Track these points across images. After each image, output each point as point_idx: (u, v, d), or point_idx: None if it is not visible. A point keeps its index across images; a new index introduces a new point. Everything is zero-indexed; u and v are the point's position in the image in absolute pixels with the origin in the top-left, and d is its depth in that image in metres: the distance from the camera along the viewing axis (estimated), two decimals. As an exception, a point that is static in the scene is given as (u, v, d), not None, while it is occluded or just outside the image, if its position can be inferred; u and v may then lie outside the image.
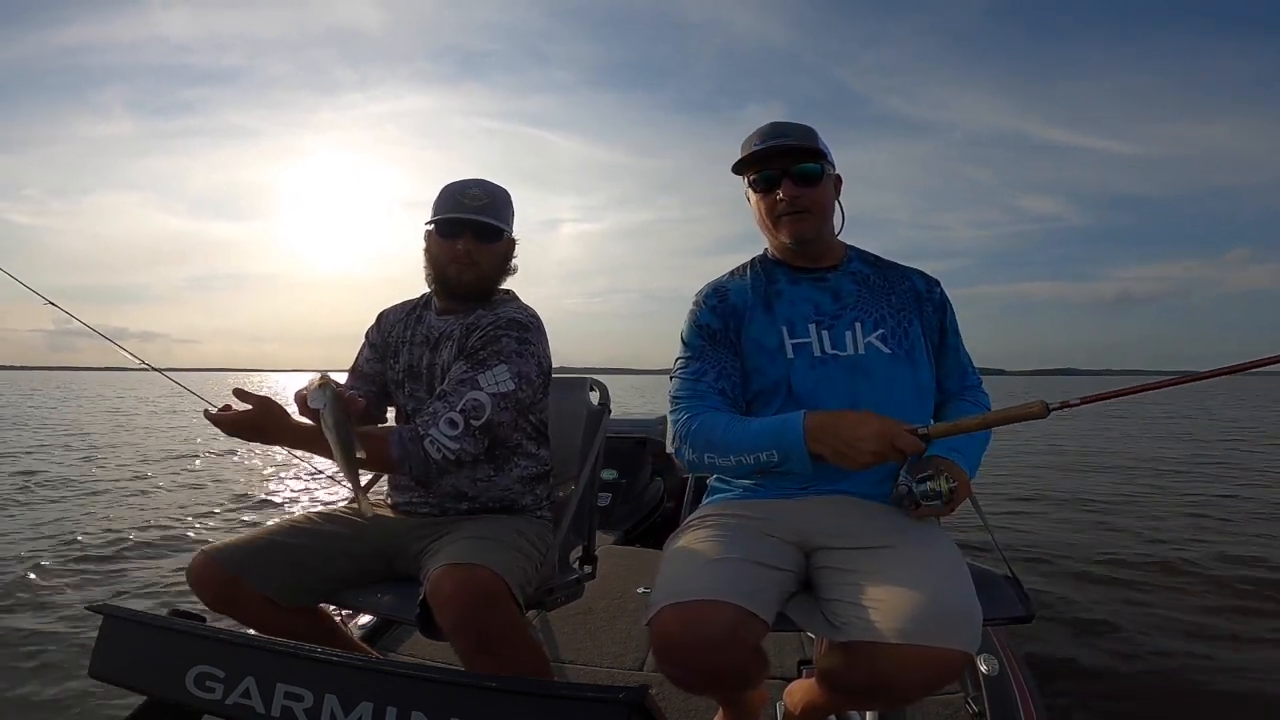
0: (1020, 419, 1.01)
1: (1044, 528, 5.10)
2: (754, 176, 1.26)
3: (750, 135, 1.26)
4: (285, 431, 1.23)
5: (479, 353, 1.37)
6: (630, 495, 3.94)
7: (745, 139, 1.26)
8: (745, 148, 1.25)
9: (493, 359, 1.35)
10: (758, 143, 1.23)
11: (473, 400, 1.30)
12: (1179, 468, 8.31)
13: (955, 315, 1.34)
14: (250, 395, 1.22)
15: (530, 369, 1.39)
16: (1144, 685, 2.52)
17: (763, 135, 1.24)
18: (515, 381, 1.35)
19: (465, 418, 1.29)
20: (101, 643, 1.04)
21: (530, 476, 1.49)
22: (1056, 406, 0.98)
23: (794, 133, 1.23)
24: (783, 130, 1.24)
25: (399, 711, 0.83)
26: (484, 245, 1.44)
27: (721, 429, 1.14)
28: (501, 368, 1.34)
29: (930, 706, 1.71)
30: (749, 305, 1.27)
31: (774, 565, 1.08)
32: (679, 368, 1.26)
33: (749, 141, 1.25)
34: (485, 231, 1.43)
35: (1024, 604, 1.20)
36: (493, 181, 1.47)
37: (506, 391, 1.34)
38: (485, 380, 1.33)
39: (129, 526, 4.82)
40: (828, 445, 1.04)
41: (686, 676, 0.99)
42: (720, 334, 1.25)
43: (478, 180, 1.46)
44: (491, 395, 1.32)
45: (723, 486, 1.31)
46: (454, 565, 1.16)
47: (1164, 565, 4.07)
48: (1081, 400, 0.98)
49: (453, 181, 1.46)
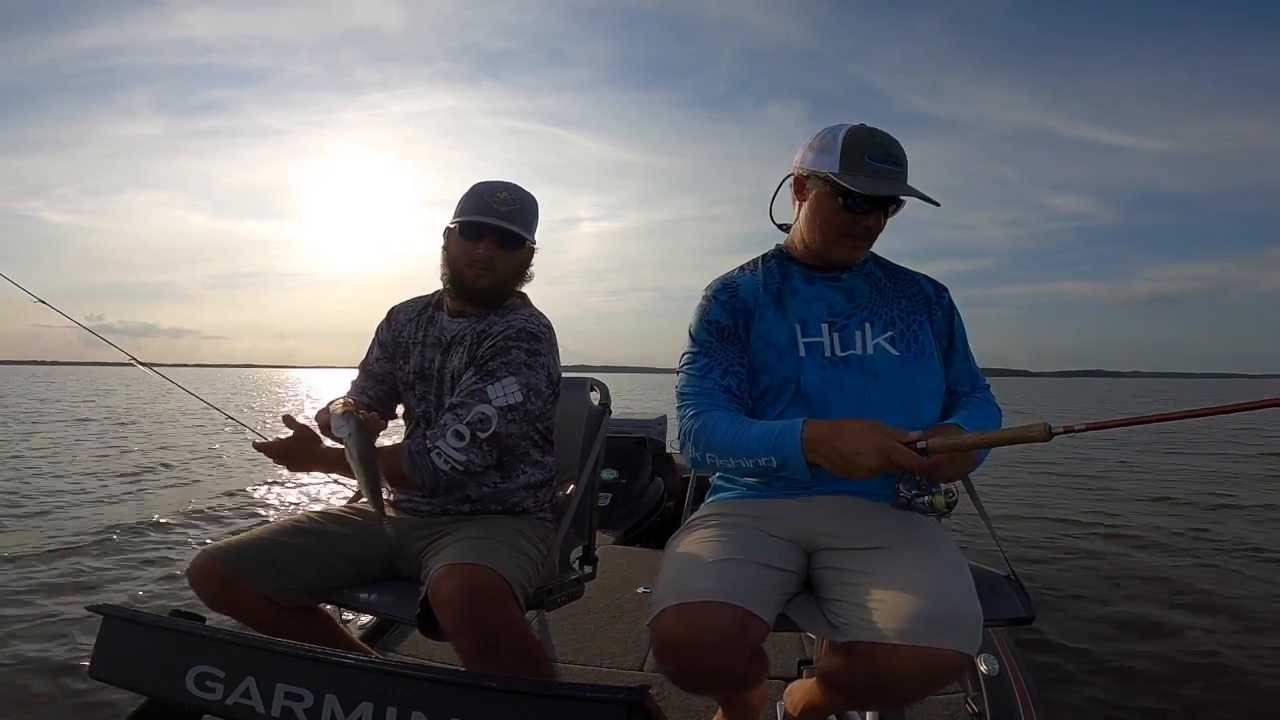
0: (1022, 441, 0.98)
1: (1044, 527, 5.10)
2: (853, 198, 1.17)
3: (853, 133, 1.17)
4: (320, 458, 1.34)
5: (489, 364, 1.37)
6: (630, 495, 3.94)
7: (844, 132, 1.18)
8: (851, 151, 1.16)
9: (502, 370, 1.35)
10: (872, 157, 1.15)
11: (480, 413, 1.31)
12: (1180, 468, 8.31)
13: (964, 322, 1.33)
14: (295, 423, 1.33)
15: (539, 380, 1.39)
16: (1144, 685, 2.52)
17: (882, 154, 1.16)
18: (524, 394, 1.35)
19: (472, 430, 1.30)
20: (101, 643, 1.04)
21: (535, 483, 1.50)
22: (1060, 431, 0.94)
23: (904, 165, 1.18)
24: (898, 160, 1.17)
25: (399, 711, 0.83)
26: (505, 252, 1.42)
27: (723, 431, 1.13)
28: (510, 380, 1.35)
29: (930, 706, 1.71)
30: (760, 301, 1.25)
31: (776, 566, 1.08)
32: (685, 363, 1.25)
33: (858, 143, 1.16)
34: (509, 238, 1.42)
35: (1025, 605, 1.20)
36: (522, 187, 1.45)
37: (515, 404, 1.34)
38: (494, 392, 1.33)
39: (128, 527, 4.82)
40: (825, 457, 1.03)
41: (687, 677, 0.99)
42: (729, 330, 1.24)
43: (508, 184, 1.44)
44: (499, 409, 1.32)
45: (726, 485, 1.30)
46: (455, 566, 1.16)
47: (1164, 566, 4.08)
48: (1087, 426, 0.94)
49: (483, 181, 1.44)
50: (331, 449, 1.33)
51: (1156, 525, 5.19)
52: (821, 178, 1.19)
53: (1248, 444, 11.29)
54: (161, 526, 4.90)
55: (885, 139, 1.18)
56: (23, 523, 4.92)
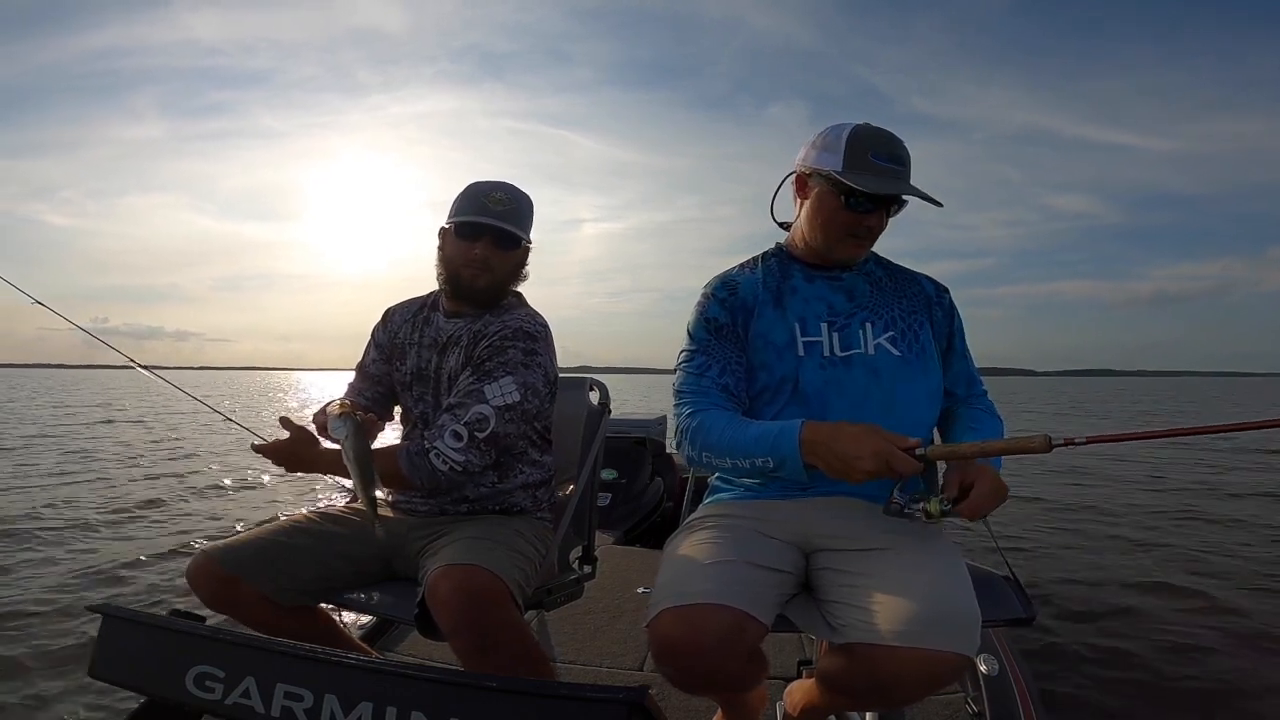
0: (1022, 451, 0.98)
1: (1044, 528, 5.10)
2: (855, 196, 1.16)
3: (857, 132, 1.17)
4: (318, 460, 1.33)
5: (485, 364, 1.37)
6: (630, 495, 3.93)
7: (848, 131, 1.17)
8: (855, 149, 1.15)
9: (499, 370, 1.35)
10: (876, 155, 1.15)
11: (477, 414, 1.31)
12: (1180, 470, 8.30)
13: (963, 324, 1.32)
14: (292, 424, 1.32)
15: (536, 380, 1.39)
16: (1143, 686, 2.52)
17: (886, 153, 1.16)
18: (521, 393, 1.35)
19: (470, 430, 1.30)
20: (101, 643, 1.04)
21: (534, 483, 1.50)
22: (1060, 444, 0.93)
23: (908, 165, 1.18)
24: (901, 159, 1.17)
25: (398, 711, 0.83)
26: (501, 252, 1.42)
27: (720, 430, 1.13)
28: (508, 379, 1.35)
29: (930, 706, 1.71)
30: (759, 300, 1.24)
31: (774, 567, 1.08)
32: (683, 360, 1.24)
33: (862, 141, 1.16)
34: (505, 238, 1.42)
35: (1024, 605, 1.19)
36: (518, 187, 1.45)
37: (512, 403, 1.34)
38: (491, 392, 1.33)
39: (130, 526, 4.82)
40: (822, 459, 1.02)
41: (685, 678, 0.99)
42: (727, 328, 1.23)
43: (503, 184, 1.44)
44: (497, 408, 1.32)
45: (724, 486, 1.30)
46: (452, 566, 1.16)
47: (1164, 567, 4.07)
48: (1087, 439, 0.93)
49: (478, 182, 1.44)
50: (329, 451, 1.33)
51: (1157, 526, 5.19)
52: (824, 176, 1.18)
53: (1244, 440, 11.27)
54: (162, 527, 4.90)
55: (889, 138, 1.17)
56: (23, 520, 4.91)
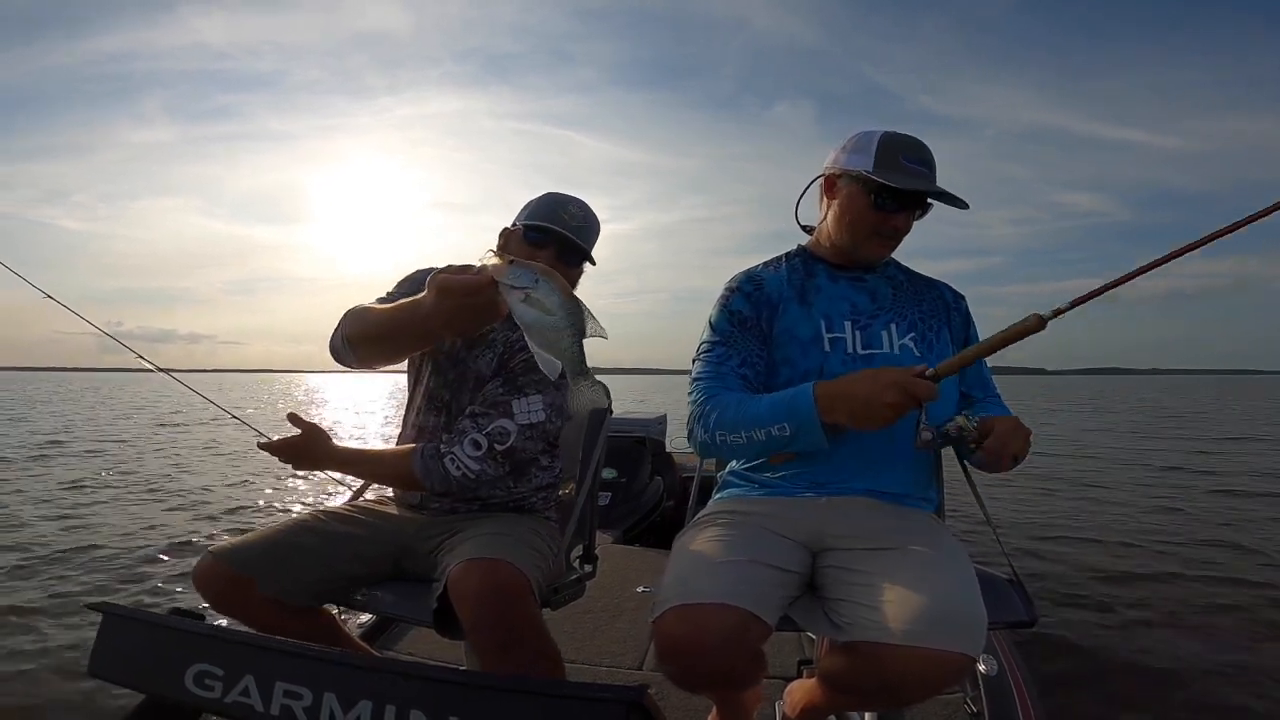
0: (1020, 335, 1.03)
1: (1044, 528, 5.10)
2: (884, 196, 1.19)
3: (887, 136, 1.20)
4: (328, 457, 1.30)
5: (519, 378, 1.36)
6: (630, 494, 3.94)
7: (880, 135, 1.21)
8: (886, 151, 1.19)
9: (531, 387, 1.34)
10: (906, 158, 1.18)
11: (500, 427, 1.30)
12: (1183, 473, 8.31)
13: (978, 330, 1.35)
14: (301, 421, 1.29)
15: (565, 401, 1.37)
16: (1143, 686, 2.53)
17: (916, 156, 1.19)
18: (547, 413, 1.34)
19: (490, 440, 1.29)
20: (100, 641, 1.03)
21: (543, 486, 1.49)
22: (1050, 316, 1.01)
23: (934, 171, 1.21)
24: (929, 164, 1.20)
25: (398, 710, 0.82)
26: (565, 266, 1.39)
27: (733, 407, 1.13)
28: (537, 398, 1.34)
29: (930, 707, 1.71)
30: (784, 296, 1.27)
31: (781, 567, 1.07)
32: (703, 351, 1.25)
33: (893, 145, 1.19)
34: (572, 252, 1.39)
35: (1027, 608, 1.19)
36: (590, 208, 1.43)
37: (537, 422, 1.33)
38: (518, 408, 1.32)
39: (130, 526, 4.82)
40: (843, 409, 1.03)
41: (688, 677, 0.98)
42: (751, 321, 1.25)
43: (580, 201, 1.42)
44: (520, 425, 1.31)
45: (736, 481, 1.30)
46: (477, 560, 1.14)
47: (1164, 568, 4.07)
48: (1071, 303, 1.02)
49: (555, 192, 1.42)
50: (339, 448, 1.31)
51: (1157, 526, 5.19)
52: (854, 176, 1.22)
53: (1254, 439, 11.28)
54: (161, 525, 4.90)
55: (919, 144, 1.22)
56: (23, 522, 4.91)
